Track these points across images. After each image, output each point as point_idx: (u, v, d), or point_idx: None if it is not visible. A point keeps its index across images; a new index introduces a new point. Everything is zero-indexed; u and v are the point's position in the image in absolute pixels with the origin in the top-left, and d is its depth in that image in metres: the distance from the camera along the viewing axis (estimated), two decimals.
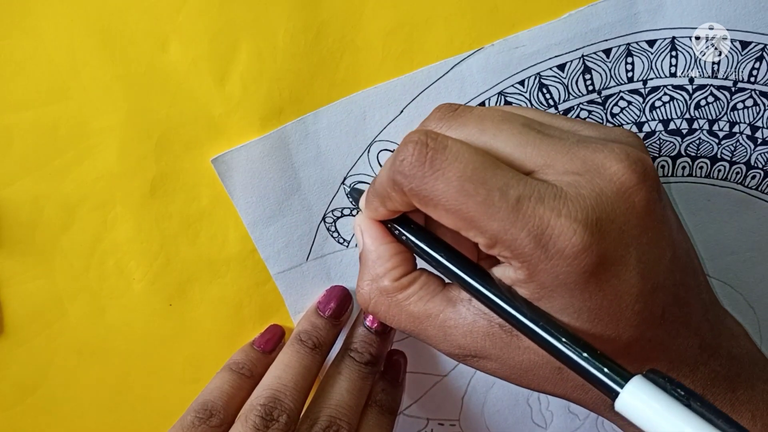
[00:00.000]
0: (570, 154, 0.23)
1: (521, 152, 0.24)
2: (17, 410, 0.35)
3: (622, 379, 0.20)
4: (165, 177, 0.32)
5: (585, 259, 0.22)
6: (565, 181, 0.23)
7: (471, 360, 0.26)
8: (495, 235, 0.22)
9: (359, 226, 0.28)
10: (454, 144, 0.23)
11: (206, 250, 0.33)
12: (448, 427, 0.39)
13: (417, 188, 0.23)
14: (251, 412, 0.30)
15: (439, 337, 0.26)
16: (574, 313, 0.23)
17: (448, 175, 0.22)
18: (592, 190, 0.22)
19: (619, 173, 0.22)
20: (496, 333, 0.25)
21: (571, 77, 0.32)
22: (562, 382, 0.25)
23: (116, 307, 0.34)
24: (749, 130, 0.33)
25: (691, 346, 0.25)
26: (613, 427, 0.39)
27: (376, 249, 0.27)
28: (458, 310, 0.26)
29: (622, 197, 0.22)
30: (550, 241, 0.22)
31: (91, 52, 0.30)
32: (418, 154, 0.23)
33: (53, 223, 0.32)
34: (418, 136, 0.23)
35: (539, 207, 0.22)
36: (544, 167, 0.23)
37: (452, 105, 0.26)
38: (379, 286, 0.27)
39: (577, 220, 0.22)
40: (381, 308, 0.27)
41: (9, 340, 0.33)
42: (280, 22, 0.30)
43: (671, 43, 0.31)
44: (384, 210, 0.26)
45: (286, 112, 0.32)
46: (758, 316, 0.37)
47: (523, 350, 0.25)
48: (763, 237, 0.35)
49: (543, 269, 0.22)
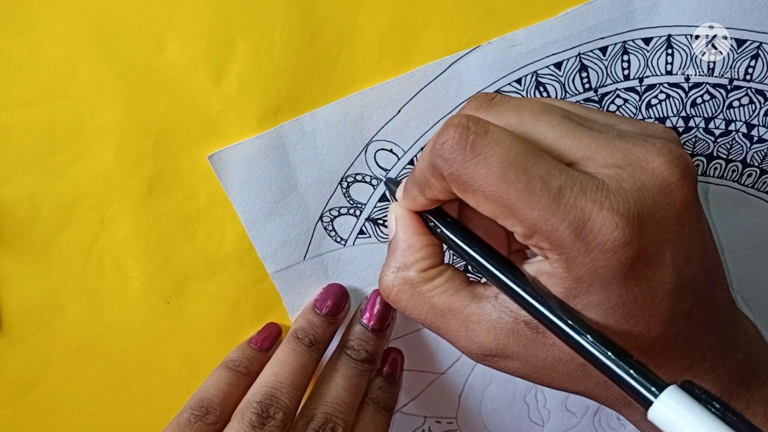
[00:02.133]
0: (611, 147, 0.23)
1: (561, 143, 0.23)
2: (15, 408, 0.35)
3: (657, 388, 0.20)
4: (162, 175, 0.32)
5: (625, 253, 0.21)
6: (606, 174, 0.22)
7: (490, 359, 0.26)
8: (534, 224, 0.22)
9: (394, 214, 0.28)
10: (496, 129, 0.23)
11: (203, 248, 0.33)
12: (446, 424, 0.39)
13: (457, 172, 0.23)
14: (248, 409, 0.30)
15: (460, 332, 0.26)
16: (609, 309, 0.23)
17: (490, 160, 0.22)
18: (633, 184, 0.22)
19: (661, 168, 0.22)
20: (521, 330, 0.25)
21: (567, 75, 0.32)
22: (585, 378, 0.25)
23: (114, 305, 0.34)
24: (745, 128, 0.33)
25: (712, 344, 0.25)
26: (610, 425, 0.39)
27: (407, 239, 0.27)
28: (483, 306, 0.25)
29: (663, 192, 0.22)
30: (591, 233, 0.21)
31: (88, 51, 0.30)
32: (459, 138, 0.22)
33: (51, 222, 0.32)
34: (460, 119, 0.23)
35: (581, 198, 0.21)
36: (584, 159, 0.23)
37: (489, 94, 0.26)
38: (405, 275, 0.27)
39: (619, 214, 0.21)
40: (403, 297, 0.27)
41: (7, 338, 0.33)
42: (276, 21, 0.30)
43: (667, 41, 0.31)
44: (423, 199, 0.26)
45: (282, 110, 0.32)
46: (755, 314, 0.37)
47: (548, 347, 0.25)
48: (759, 235, 0.35)
49: (581, 262, 0.22)
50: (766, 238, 0.35)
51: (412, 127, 0.32)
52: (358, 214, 0.34)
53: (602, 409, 0.39)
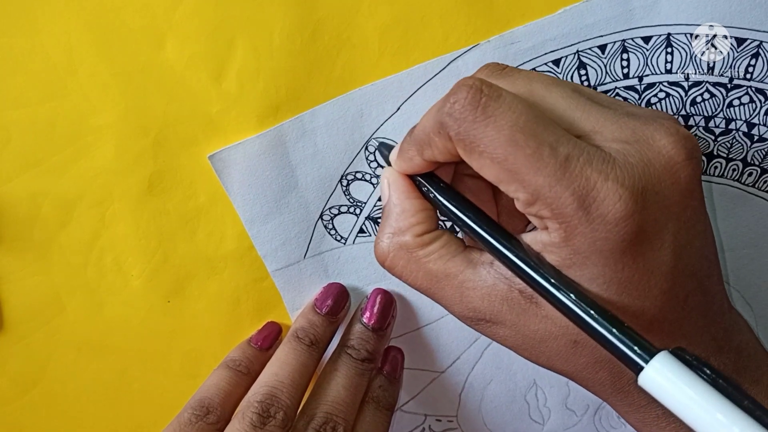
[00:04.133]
0: (620, 123, 0.23)
1: (570, 115, 0.23)
2: (17, 405, 0.35)
3: (648, 354, 0.20)
4: (162, 174, 0.32)
5: (626, 227, 0.21)
6: (614, 148, 0.22)
7: (483, 325, 0.26)
8: (538, 190, 0.22)
9: (387, 179, 0.27)
10: (509, 94, 0.22)
11: (204, 246, 0.33)
12: (446, 423, 0.39)
13: (465, 132, 0.22)
14: (248, 409, 0.30)
15: (455, 297, 0.26)
16: (604, 284, 0.22)
17: (500, 123, 0.22)
18: (640, 160, 0.22)
19: (669, 147, 0.22)
20: (515, 298, 0.24)
21: (566, 73, 0.32)
22: (575, 357, 0.25)
23: (114, 303, 0.34)
24: (745, 127, 0.33)
25: (705, 337, 0.25)
26: (611, 423, 0.39)
27: (401, 203, 0.27)
28: (478, 271, 0.25)
29: (668, 171, 0.22)
30: (593, 203, 0.21)
31: (88, 50, 0.30)
32: (472, 98, 0.22)
33: (51, 220, 0.32)
34: (473, 81, 0.23)
35: (587, 168, 0.21)
36: (592, 133, 0.23)
37: (500, 64, 0.26)
38: (400, 240, 0.27)
39: (624, 186, 0.21)
40: (399, 263, 0.27)
41: (8, 336, 0.34)
42: (276, 20, 0.30)
43: (667, 39, 0.31)
44: (419, 160, 0.26)
45: (282, 109, 0.32)
46: (755, 313, 0.37)
47: (540, 319, 0.24)
48: (760, 234, 0.35)
49: (581, 232, 0.22)
50: (766, 237, 0.35)
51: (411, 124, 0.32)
52: (358, 213, 0.34)
53: (603, 408, 0.39)
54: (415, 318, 0.36)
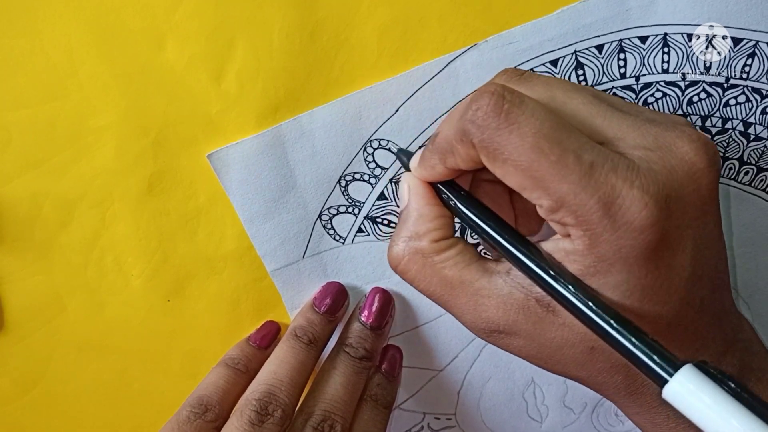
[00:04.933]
0: (642, 129, 0.23)
1: (592, 122, 0.23)
2: (17, 405, 0.35)
3: (672, 366, 0.20)
4: (162, 174, 0.32)
5: (651, 234, 0.21)
6: (636, 155, 0.22)
7: (497, 336, 0.26)
8: (562, 197, 0.22)
9: (407, 183, 0.27)
10: (531, 101, 0.22)
11: (203, 246, 0.34)
12: (444, 421, 0.39)
13: (489, 139, 0.22)
14: (246, 406, 0.30)
15: (468, 306, 0.26)
16: (627, 291, 0.22)
17: (524, 130, 0.22)
18: (663, 167, 0.22)
19: (691, 153, 0.22)
20: (531, 307, 0.24)
21: (563, 72, 0.32)
22: (591, 363, 0.25)
23: (115, 303, 0.34)
24: (742, 126, 0.33)
25: (716, 338, 0.25)
26: (608, 421, 0.39)
27: (420, 208, 0.27)
28: (494, 280, 0.25)
29: (691, 178, 0.22)
30: (619, 211, 0.21)
31: (88, 51, 0.30)
32: (494, 105, 0.22)
33: (52, 220, 0.32)
34: (495, 87, 0.23)
35: (612, 175, 0.21)
36: (614, 140, 0.23)
37: (518, 69, 0.26)
38: (416, 245, 0.26)
39: (649, 193, 0.21)
40: (413, 267, 0.27)
41: (9, 336, 0.34)
42: (275, 21, 0.30)
43: (663, 39, 0.31)
44: (441, 168, 0.26)
45: (281, 110, 0.32)
46: (752, 311, 0.37)
47: (557, 327, 0.24)
48: (756, 232, 0.35)
49: (606, 240, 0.22)
50: (763, 236, 0.35)
51: (410, 125, 0.33)
52: (356, 213, 0.34)
53: (600, 406, 0.39)
54: (413, 317, 0.36)
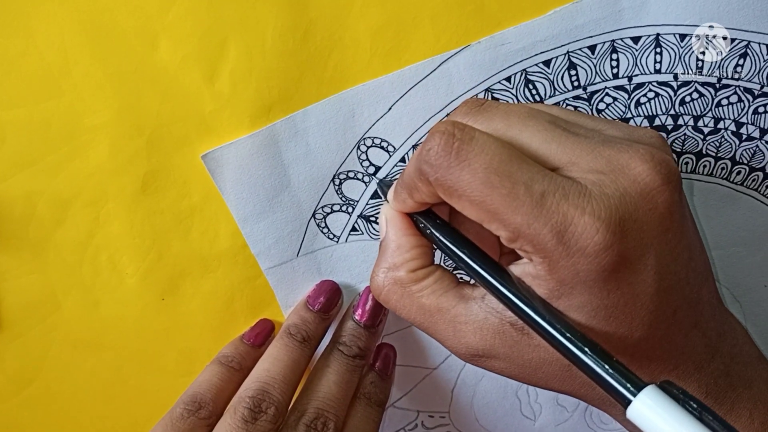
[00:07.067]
0: (595, 152, 0.23)
1: (546, 149, 0.24)
2: (13, 403, 0.35)
3: (636, 387, 0.20)
4: (156, 173, 0.32)
5: (606, 257, 0.22)
6: (589, 179, 0.23)
7: (478, 360, 0.26)
8: (518, 228, 0.22)
9: (385, 215, 0.28)
10: (481, 136, 0.23)
11: (198, 245, 0.34)
12: (438, 419, 0.39)
13: (442, 178, 0.23)
14: (240, 404, 0.30)
15: (448, 332, 0.26)
16: (591, 311, 0.23)
17: (474, 166, 0.22)
18: (616, 190, 0.22)
19: (644, 174, 0.23)
20: (506, 331, 0.25)
21: (556, 73, 0.32)
22: (570, 379, 0.26)
23: (109, 302, 0.34)
24: (734, 126, 0.33)
25: (697, 346, 0.25)
26: (601, 419, 0.39)
27: (397, 239, 0.27)
28: (470, 306, 0.26)
29: (645, 198, 0.22)
30: (572, 238, 0.22)
31: (82, 51, 0.30)
32: (444, 144, 0.23)
33: (46, 219, 0.32)
34: (446, 126, 0.23)
35: (563, 203, 0.22)
36: (568, 165, 0.23)
37: (479, 99, 0.26)
38: (395, 275, 0.27)
39: (600, 219, 0.22)
40: (393, 297, 0.27)
41: (4, 334, 0.34)
42: (268, 21, 0.31)
43: (656, 39, 0.31)
44: (411, 202, 0.26)
45: (275, 109, 0.32)
46: (744, 310, 0.37)
47: (533, 348, 0.25)
48: (749, 232, 0.35)
49: (563, 265, 0.22)
50: (755, 235, 0.35)
51: (403, 124, 0.33)
52: (350, 211, 0.34)
53: None
54: None
